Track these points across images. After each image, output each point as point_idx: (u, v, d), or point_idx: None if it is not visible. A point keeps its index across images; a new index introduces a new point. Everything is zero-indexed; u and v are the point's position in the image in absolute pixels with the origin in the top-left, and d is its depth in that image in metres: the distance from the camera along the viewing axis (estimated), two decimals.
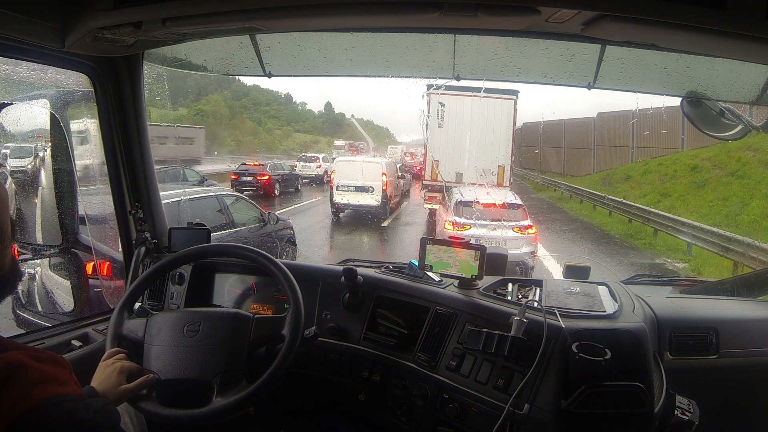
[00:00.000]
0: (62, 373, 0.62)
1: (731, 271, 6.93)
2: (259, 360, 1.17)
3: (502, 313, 1.28)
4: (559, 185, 17.78)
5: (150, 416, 1.09)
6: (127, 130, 1.60)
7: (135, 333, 1.19)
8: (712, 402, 1.29)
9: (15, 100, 1.56)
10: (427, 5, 0.97)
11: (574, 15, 0.97)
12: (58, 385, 0.60)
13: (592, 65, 1.48)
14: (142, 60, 1.57)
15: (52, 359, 0.63)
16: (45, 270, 2.59)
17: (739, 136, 1.55)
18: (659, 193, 13.67)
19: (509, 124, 10.53)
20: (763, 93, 1.43)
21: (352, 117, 72.57)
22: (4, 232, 0.63)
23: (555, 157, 22.64)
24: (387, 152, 35.19)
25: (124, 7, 1.07)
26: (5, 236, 0.64)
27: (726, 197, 11.39)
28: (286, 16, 1.06)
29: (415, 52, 1.54)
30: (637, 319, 1.25)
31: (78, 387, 0.64)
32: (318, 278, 1.54)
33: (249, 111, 49.70)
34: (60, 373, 0.62)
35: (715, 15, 0.85)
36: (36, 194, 1.84)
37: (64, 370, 0.63)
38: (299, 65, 1.66)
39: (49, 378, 0.59)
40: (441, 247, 1.45)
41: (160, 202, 1.77)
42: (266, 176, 14.78)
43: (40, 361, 0.60)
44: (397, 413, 1.38)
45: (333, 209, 11.25)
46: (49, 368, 0.60)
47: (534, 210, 10.91)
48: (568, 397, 1.12)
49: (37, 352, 0.62)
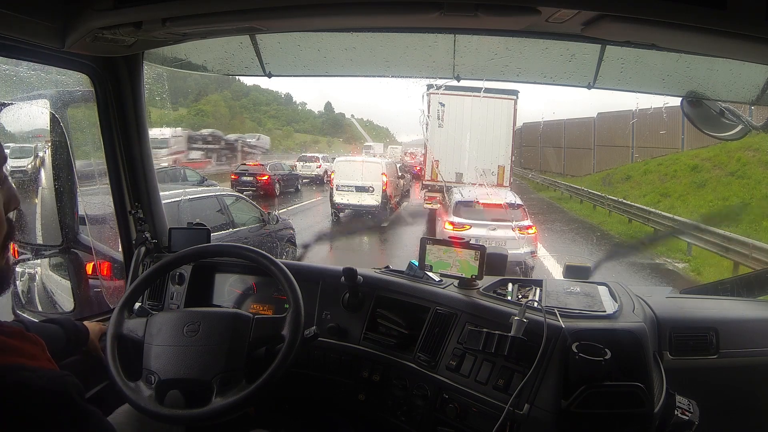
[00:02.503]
0: (31, 348, 0.62)
1: (731, 271, 6.93)
2: (259, 360, 1.17)
3: (502, 313, 1.28)
4: (559, 185, 17.77)
5: (149, 416, 1.09)
6: (127, 130, 1.60)
7: (135, 333, 1.19)
8: (712, 402, 1.29)
9: (15, 100, 1.56)
10: (427, 5, 0.97)
11: (574, 15, 0.97)
12: (20, 357, 0.59)
13: (592, 65, 1.48)
14: (142, 60, 1.57)
15: (22, 335, 0.62)
16: (45, 270, 2.59)
17: (739, 136, 1.55)
18: (659, 193, 13.67)
19: (509, 124, 10.54)
20: (763, 93, 1.43)
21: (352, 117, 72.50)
22: None
23: (555, 157, 22.64)
24: (387, 152, 35.21)
25: (124, 7, 1.07)
26: None
27: (726, 197, 11.39)
28: (286, 16, 1.06)
29: (415, 52, 1.54)
30: (637, 319, 1.25)
31: (49, 363, 0.63)
32: (318, 278, 1.54)
33: (249, 111, 49.68)
34: (28, 348, 0.61)
35: (715, 15, 0.85)
36: (36, 194, 1.84)
37: (34, 346, 0.62)
38: (299, 65, 1.66)
39: (10, 348, 0.59)
40: (441, 247, 1.45)
41: (160, 202, 1.77)
42: (266, 176, 14.79)
43: (9, 335, 0.60)
44: (397, 413, 1.38)
45: (333, 209, 11.25)
46: (15, 342, 0.60)
47: (534, 210, 10.91)
48: (568, 397, 1.12)
49: (10, 327, 0.61)
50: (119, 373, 1.13)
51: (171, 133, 17.63)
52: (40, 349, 0.63)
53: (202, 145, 20.05)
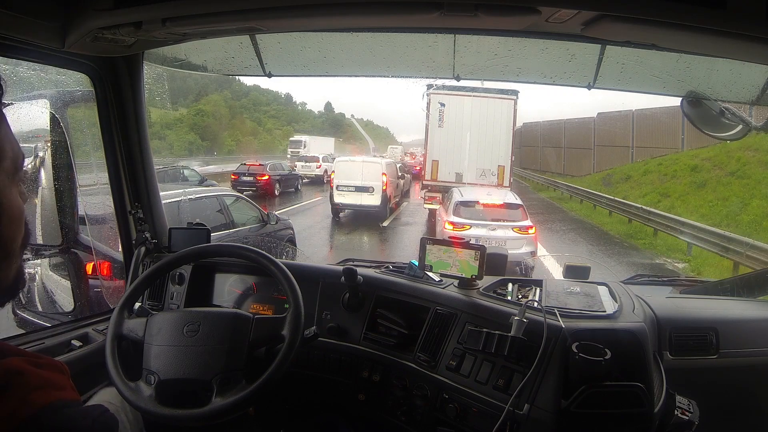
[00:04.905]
0: (60, 378, 0.61)
1: (731, 271, 6.93)
2: (258, 360, 1.17)
3: (502, 313, 1.28)
4: (559, 185, 17.79)
5: (149, 416, 1.09)
6: (127, 130, 1.60)
7: (135, 333, 1.19)
8: (712, 402, 1.29)
9: (15, 100, 1.56)
10: (427, 5, 0.97)
11: (574, 15, 0.97)
12: (56, 390, 0.59)
13: (592, 65, 1.48)
14: (142, 60, 1.57)
15: (51, 364, 0.62)
16: (45, 270, 2.59)
17: (739, 136, 1.55)
18: (659, 193, 13.68)
19: (509, 124, 10.54)
20: (763, 93, 1.43)
21: (352, 117, 72.64)
22: (12, 247, 0.62)
23: (555, 157, 22.66)
24: (387, 152, 35.26)
25: (124, 7, 1.07)
26: (12, 251, 0.62)
27: (726, 197, 11.40)
28: (286, 16, 1.06)
29: (415, 52, 1.54)
30: (637, 319, 1.25)
31: (75, 392, 0.63)
32: (318, 278, 1.54)
33: (249, 111, 49.74)
34: (58, 379, 0.61)
35: (715, 15, 0.85)
36: (36, 194, 1.84)
37: (62, 376, 0.62)
38: (299, 65, 1.66)
39: (47, 383, 0.58)
40: (441, 247, 1.45)
41: (160, 202, 1.76)
42: (266, 176, 14.80)
43: (39, 366, 0.59)
44: (397, 413, 1.38)
45: (333, 209, 11.25)
46: (47, 373, 0.59)
47: (534, 210, 10.93)
48: (568, 397, 1.12)
49: (37, 357, 0.61)
50: (119, 373, 1.13)
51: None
52: (66, 377, 0.62)
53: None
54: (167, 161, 18.47)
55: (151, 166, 1.69)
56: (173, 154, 29.53)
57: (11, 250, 0.60)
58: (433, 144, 10.83)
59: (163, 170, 11.39)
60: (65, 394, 0.59)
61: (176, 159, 24.34)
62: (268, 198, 13.99)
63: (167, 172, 11.83)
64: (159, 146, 27.01)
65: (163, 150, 28.86)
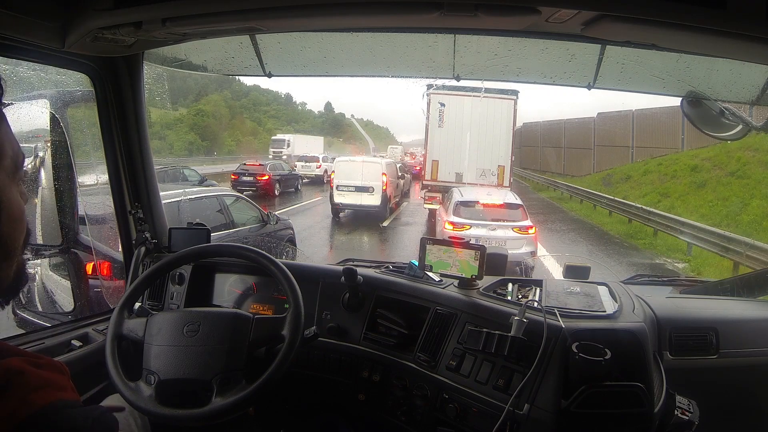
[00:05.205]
0: (60, 378, 0.61)
1: (731, 271, 6.93)
2: (258, 360, 1.17)
3: (502, 313, 1.28)
4: (559, 185, 17.78)
5: (149, 416, 1.09)
6: (127, 130, 1.60)
7: (135, 333, 1.19)
8: (712, 402, 1.29)
9: (15, 100, 1.56)
10: (427, 5, 0.97)
11: (574, 15, 0.97)
12: (56, 391, 0.59)
13: (592, 65, 1.48)
14: (142, 60, 1.57)
15: (51, 365, 0.62)
16: (45, 270, 2.59)
17: (739, 136, 1.55)
18: (659, 193, 13.68)
19: (509, 124, 10.55)
20: (763, 93, 1.43)
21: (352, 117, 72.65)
22: (13, 247, 0.62)
23: (555, 157, 22.66)
24: (387, 152, 35.25)
25: (124, 7, 1.07)
26: (13, 250, 0.62)
27: (726, 197, 11.40)
28: (286, 16, 1.06)
29: (415, 52, 1.54)
30: (637, 319, 1.25)
31: (75, 393, 0.63)
32: (318, 278, 1.54)
33: (249, 111, 49.77)
34: (58, 379, 0.61)
35: (715, 15, 0.85)
36: (36, 194, 1.84)
37: (62, 376, 0.62)
38: (299, 65, 1.66)
39: (47, 383, 0.58)
40: (441, 247, 1.45)
41: (160, 202, 1.76)
42: (266, 176, 14.80)
43: (39, 366, 0.59)
44: (397, 413, 1.38)
45: (333, 209, 11.25)
46: (47, 373, 0.59)
47: (534, 210, 10.93)
48: (568, 397, 1.12)
49: (37, 357, 0.61)
50: (119, 373, 1.13)
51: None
52: (66, 377, 0.62)
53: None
54: (167, 161, 18.44)
55: (151, 166, 1.69)
56: (173, 154, 29.53)
57: (12, 249, 0.60)
58: (433, 144, 10.83)
59: (163, 170, 11.39)
60: (65, 395, 0.59)
61: (177, 159, 24.36)
62: (268, 198, 13.98)
63: (167, 172, 11.82)
64: (159, 146, 26.96)
65: (163, 150, 28.84)
